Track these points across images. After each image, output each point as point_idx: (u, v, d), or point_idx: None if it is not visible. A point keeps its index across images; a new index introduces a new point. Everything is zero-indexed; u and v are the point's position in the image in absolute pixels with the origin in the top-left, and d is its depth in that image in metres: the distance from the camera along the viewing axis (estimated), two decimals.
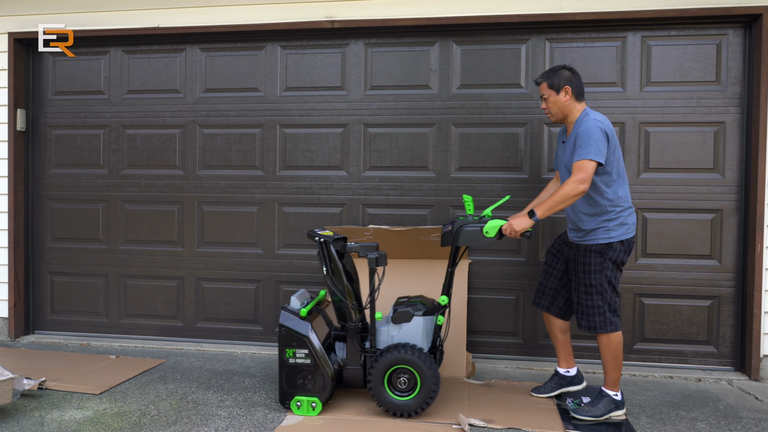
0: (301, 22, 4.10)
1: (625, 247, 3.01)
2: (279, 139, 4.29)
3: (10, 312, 4.47)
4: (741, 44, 3.83)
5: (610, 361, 3.05)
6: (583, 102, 3.10)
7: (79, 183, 4.54)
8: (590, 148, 2.86)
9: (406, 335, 3.11)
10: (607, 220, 2.99)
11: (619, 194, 3.01)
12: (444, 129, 4.10)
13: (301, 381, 3.08)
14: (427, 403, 2.98)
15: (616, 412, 3.08)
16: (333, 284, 3.15)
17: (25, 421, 3.01)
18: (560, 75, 3.06)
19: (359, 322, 3.15)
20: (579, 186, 2.84)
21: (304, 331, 3.06)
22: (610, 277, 3.00)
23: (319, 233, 3.17)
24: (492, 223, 2.99)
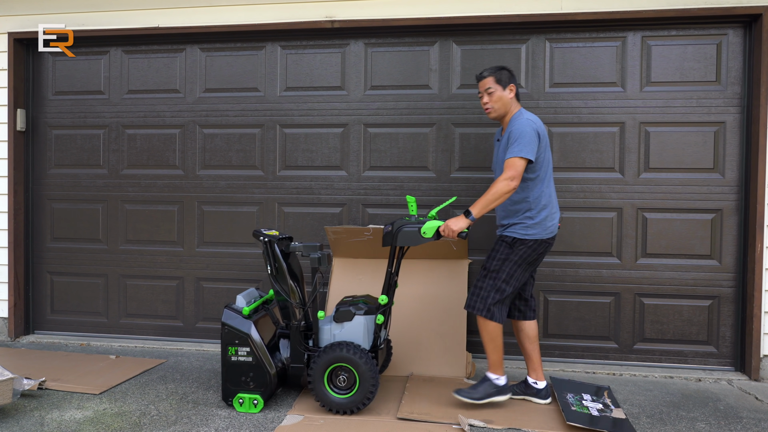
0: (301, 22, 4.10)
1: (536, 246, 3.05)
2: (279, 139, 4.29)
3: (10, 312, 4.47)
4: (741, 44, 3.83)
5: (488, 343, 3.10)
6: (519, 103, 3.18)
7: (79, 183, 4.54)
8: (522, 146, 2.93)
9: (347, 334, 3.15)
10: (527, 218, 3.06)
11: (543, 194, 3.06)
12: (444, 129, 4.10)
13: (244, 378, 3.13)
14: (365, 401, 3.02)
15: (498, 397, 3.11)
16: (277, 283, 3.22)
17: (25, 421, 3.01)
18: (504, 73, 3.13)
19: (303, 320, 3.20)
20: (510, 183, 2.91)
21: (246, 329, 3.11)
22: (511, 270, 3.04)
23: (264, 233, 3.23)
24: (430, 224, 3.04)
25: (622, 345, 3.98)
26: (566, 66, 3.98)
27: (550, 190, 3.12)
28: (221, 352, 3.16)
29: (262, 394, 3.12)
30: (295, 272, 3.26)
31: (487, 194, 2.94)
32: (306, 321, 3.24)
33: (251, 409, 3.12)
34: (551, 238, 3.11)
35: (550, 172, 3.12)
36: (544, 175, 3.07)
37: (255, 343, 3.10)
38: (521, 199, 3.07)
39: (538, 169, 3.05)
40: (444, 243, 3.83)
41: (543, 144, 3.04)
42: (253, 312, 3.22)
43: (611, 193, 3.95)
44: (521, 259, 3.05)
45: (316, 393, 3.07)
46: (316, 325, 3.20)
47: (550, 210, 3.10)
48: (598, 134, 3.96)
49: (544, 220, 3.06)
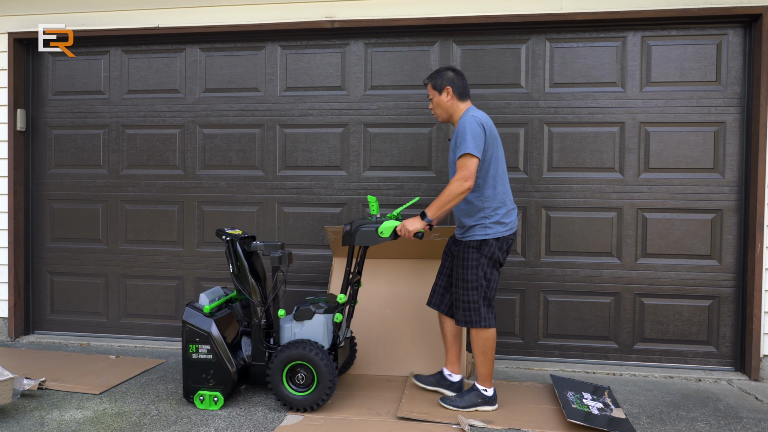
0: (301, 22, 4.10)
1: (500, 244, 3.05)
2: (279, 139, 4.29)
3: (10, 312, 4.47)
4: (741, 44, 3.83)
5: (479, 355, 3.09)
6: (467, 101, 3.16)
7: (79, 183, 4.54)
8: (468, 143, 2.90)
9: (307, 332, 3.18)
10: (484, 217, 3.05)
11: (497, 191, 3.05)
12: (444, 129, 4.10)
13: (204, 376, 3.16)
14: (323, 399, 3.04)
15: (484, 407, 3.12)
16: (239, 282, 3.26)
17: (25, 421, 3.01)
18: (443, 76, 3.12)
19: (264, 319, 3.24)
20: (464, 184, 2.90)
21: (207, 327, 3.14)
22: (486, 272, 3.04)
23: (227, 232, 3.26)
24: (387, 224, 3.07)
25: (622, 345, 3.98)
26: (566, 66, 3.98)
27: (505, 187, 3.10)
28: (182, 350, 3.19)
29: (222, 392, 3.15)
30: (257, 271, 3.30)
31: (442, 196, 2.94)
32: (268, 319, 3.28)
33: (212, 406, 3.16)
34: (513, 234, 3.11)
35: (502, 169, 3.10)
36: (495, 172, 3.05)
37: (215, 341, 3.13)
38: (475, 199, 3.06)
39: (488, 167, 3.03)
40: (444, 243, 3.83)
41: (491, 140, 3.02)
42: (216, 310, 3.26)
43: (611, 193, 3.95)
44: (490, 259, 3.06)
45: (274, 390, 3.09)
46: (276, 323, 3.25)
47: (508, 207, 3.09)
48: (598, 134, 3.96)
49: (502, 218, 3.06)
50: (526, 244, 4.04)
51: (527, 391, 3.44)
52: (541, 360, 4.03)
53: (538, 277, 4.03)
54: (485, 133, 2.97)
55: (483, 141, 2.95)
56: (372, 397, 3.30)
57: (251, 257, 3.28)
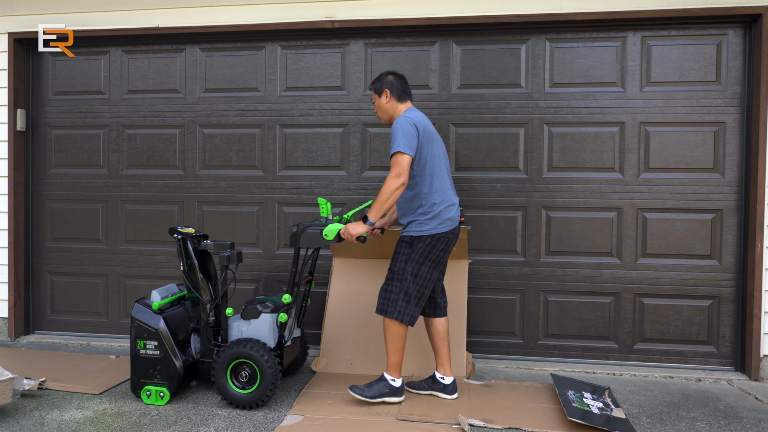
0: (301, 22, 4.10)
1: (435, 241, 3.09)
2: (279, 139, 4.29)
3: (10, 312, 4.47)
4: (741, 44, 3.83)
5: (389, 343, 3.14)
6: (407, 103, 3.23)
7: (79, 183, 4.54)
8: (399, 142, 2.98)
9: (254, 331, 3.24)
10: (420, 214, 3.10)
11: (433, 189, 3.10)
12: (444, 129, 4.10)
13: (151, 371, 3.22)
14: (265, 397, 3.10)
15: (391, 398, 3.16)
16: (189, 280, 3.32)
17: (25, 421, 3.01)
18: (382, 80, 3.23)
19: (213, 317, 3.29)
20: (397, 180, 2.96)
21: (155, 324, 3.20)
22: (414, 269, 3.08)
23: (179, 230, 3.32)
24: (331, 227, 3.13)
25: (622, 345, 3.98)
26: (566, 66, 3.98)
27: (443, 184, 3.14)
28: (130, 346, 3.25)
29: (169, 387, 3.21)
30: (209, 270, 3.35)
31: (379, 196, 2.99)
32: (217, 317, 3.33)
33: (158, 401, 3.21)
34: (451, 231, 3.14)
35: (439, 166, 3.14)
36: (431, 169, 3.10)
37: (163, 337, 3.19)
38: (412, 197, 3.13)
39: (423, 165, 3.09)
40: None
41: (426, 139, 3.08)
42: (167, 307, 3.32)
43: (611, 193, 3.95)
44: (422, 257, 3.09)
45: (218, 387, 3.15)
46: (224, 321, 3.31)
47: (445, 204, 3.13)
48: (598, 134, 3.96)
49: (438, 215, 3.09)
50: (526, 244, 4.04)
51: (527, 391, 3.44)
52: (541, 360, 4.03)
53: (538, 277, 4.03)
54: (418, 132, 3.05)
55: (415, 139, 3.02)
56: None
57: (203, 256, 3.34)
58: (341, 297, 3.92)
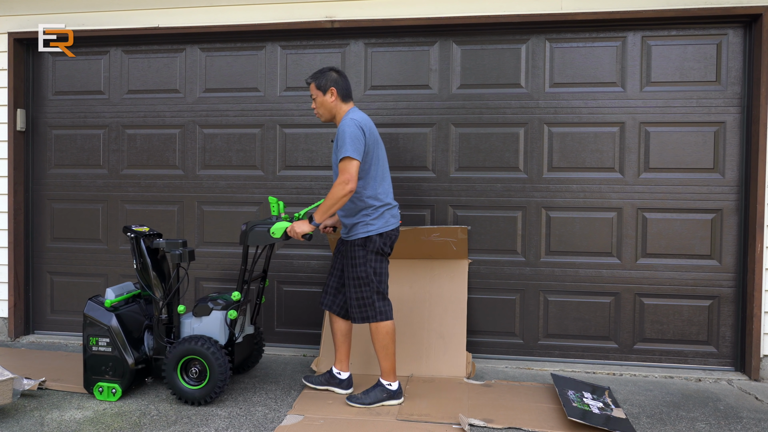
0: (301, 22, 4.10)
1: (384, 239, 3.14)
2: (279, 139, 4.29)
3: (10, 312, 4.47)
4: (741, 44, 3.83)
5: (380, 350, 3.17)
6: (350, 102, 3.23)
7: (79, 183, 4.53)
8: (348, 147, 2.97)
9: (205, 328, 3.30)
10: (365, 215, 3.13)
11: (378, 191, 3.13)
12: (444, 129, 4.10)
13: (104, 368, 3.28)
14: (214, 393, 3.15)
15: (390, 401, 3.18)
16: (142, 278, 3.37)
17: (25, 421, 3.01)
18: (327, 76, 3.18)
19: (166, 314, 3.34)
20: (345, 186, 2.96)
21: (107, 321, 3.26)
22: (375, 267, 3.13)
23: (133, 228, 3.38)
24: (278, 225, 3.17)
25: (622, 345, 3.98)
26: (566, 66, 3.98)
27: (385, 186, 3.18)
28: (83, 342, 3.30)
29: (121, 384, 3.26)
30: (162, 268, 3.39)
31: (327, 199, 3.02)
32: (169, 315, 3.37)
33: (110, 397, 3.26)
34: (395, 229, 3.19)
35: (382, 168, 3.18)
36: (376, 172, 3.13)
37: (114, 334, 3.25)
38: (357, 199, 3.13)
39: (369, 168, 3.10)
40: (444, 243, 3.83)
41: (372, 142, 3.09)
42: (122, 304, 3.40)
43: (611, 193, 3.95)
44: (376, 254, 3.15)
45: (168, 383, 3.20)
46: (176, 318, 3.37)
47: (389, 205, 3.18)
48: (598, 134, 3.96)
49: (382, 215, 3.14)
50: (526, 244, 4.04)
51: (527, 391, 3.44)
52: (541, 360, 4.03)
53: (538, 277, 4.03)
54: (365, 136, 3.04)
55: (363, 144, 3.03)
56: None
57: (157, 254, 3.39)
58: None
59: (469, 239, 3.98)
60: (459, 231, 3.81)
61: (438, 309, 3.80)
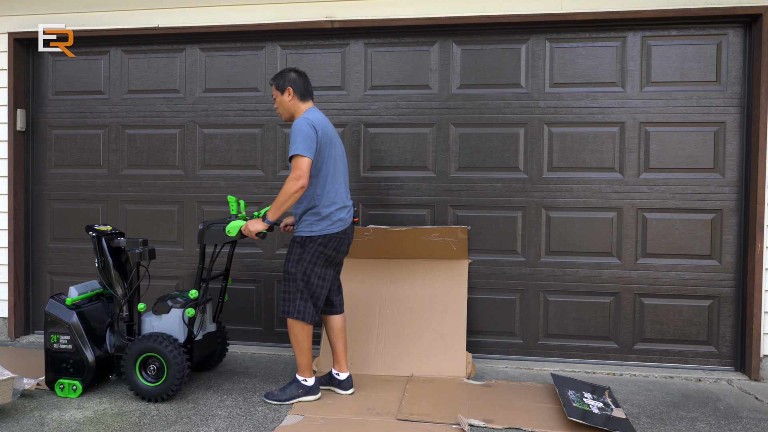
0: (301, 22, 4.10)
1: (326, 241, 3.14)
2: (279, 139, 4.29)
3: (10, 312, 4.47)
4: (741, 44, 3.83)
5: (294, 346, 3.21)
6: (309, 102, 3.28)
7: (79, 183, 4.53)
8: (298, 144, 3.02)
9: (164, 326, 3.36)
10: (313, 214, 3.15)
11: (327, 191, 3.15)
12: (444, 129, 4.10)
13: (65, 365, 3.32)
14: (171, 391, 3.18)
15: (306, 397, 3.22)
16: (104, 276, 3.42)
17: (25, 421, 3.01)
18: (285, 77, 3.25)
19: (127, 312, 3.39)
20: (296, 183, 3.00)
21: (68, 318, 3.31)
22: (306, 269, 3.14)
23: (95, 227, 3.42)
24: (233, 223, 3.19)
25: (622, 345, 3.98)
26: (566, 66, 3.98)
27: (337, 186, 3.19)
28: (44, 340, 3.35)
29: (82, 381, 3.30)
30: (125, 267, 3.43)
31: (279, 196, 3.05)
32: (130, 312, 3.41)
33: (70, 393, 3.30)
34: (342, 231, 3.19)
35: (335, 169, 3.19)
36: (327, 171, 3.15)
37: (75, 332, 3.30)
38: (304, 197, 3.15)
39: (320, 167, 3.12)
40: (444, 243, 3.84)
41: (324, 141, 3.12)
42: (85, 302, 3.45)
43: (611, 193, 3.95)
44: (314, 257, 3.14)
45: (127, 379, 3.24)
46: (137, 316, 3.41)
47: (337, 206, 3.18)
48: (598, 134, 3.96)
49: (330, 216, 3.14)
50: (526, 244, 4.04)
51: (527, 391, 3.44)
52: (541, 360, 4.03)
53: (538, 277, 4.03)
54: (317, 134, 3.07)
55: (314, 142, 3.05)
56: (372, 397, 3.30)
57: (119, 253, 3.43)
58: None
59: (469, 239, 3.98)
60: (459, 231, 3.81)
61: (438, 309, 3.80)
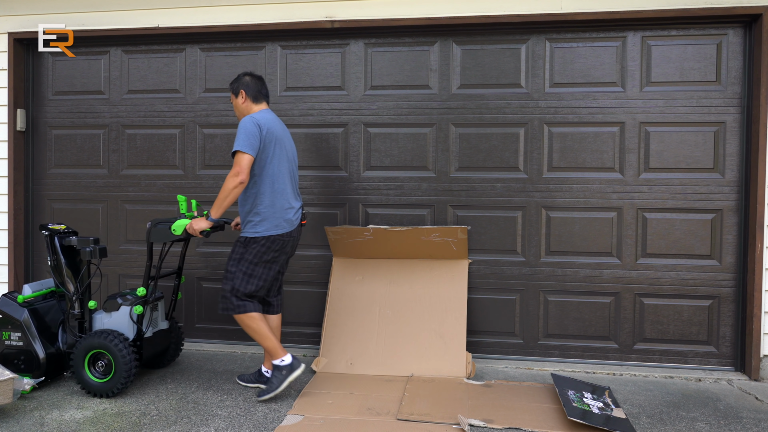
0: (301, 22, 4.10)
1: (270, 243, 3.18)
2: None
3: None
4: (741, 44, 3.83)
5: (254, 336, 3.26)
6: (263, 104, 3.34)
7: (79, 183, 4.53)
8: (240, 141, 3.08)
9: (114, 323, 3.43)
10: (255, 214, 3.18)
11: (272, 190, 3.18)
12: (444, 129, 4.10)
13: (16, 361, 3.40)
14: (119, 387, 3.25)
15: (292, 374, 3.23)
16: (56, 274, 3.48)
17: (25, 421, 3.01)
18: (239, 81, 3.34)
19: (79, 309, 3.47)
20: (235, 179, 3.06)
21: (18, 315, 3.41)
22: (249, 269, 3.19)
23: (49, 227, 3.48)
24: (179, 222, 3.26)
25: (622, 345, 3.98)
26: (566, 66, 3.98)
27: (282, 187, 3.22)
28: None
29: (33, 377, 3.36)
30: (77, 265, 3.50)
31: (220, 193, 3.09)
32: (81, 310, 3.48)
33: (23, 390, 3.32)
34: (287, 233, 3.22)
35: (281, 169, 3.22)
36: (272, 171, 3.18)
37: (26, 329, 3.38)
38: (249, 197, 3.20)
39: (264, 166, 3.16)
40: (444, 243, 3.84)
41: (269, 140, 3.16)
42: (40, 300, 3.54)
43: (611, 193, 3.95)
44: (256, 257, 3.18)
45: (76, 376, 3.30)
46: (87, 314, 3.48)
47: (283, 207, 3.20)
48: (598, 134, 3.96)
49: (272, 216, 3.17)
50: (526, 244, 4.04)
51: (527, 391, 3.44)
52: (541, 360, 4.03)
53: (538, 277, 4.03)
54: (261, 133, 3.12)
55: (258, 139, 3.10)
56: (372, 397, 3.30)
57: (71, 252, 3.49)
58: (341, 297, 3.93)
59: (469, 239, 3.98)
60: (459, 231, 3.81)
61: (438, 309, 3.80)
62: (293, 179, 3.34)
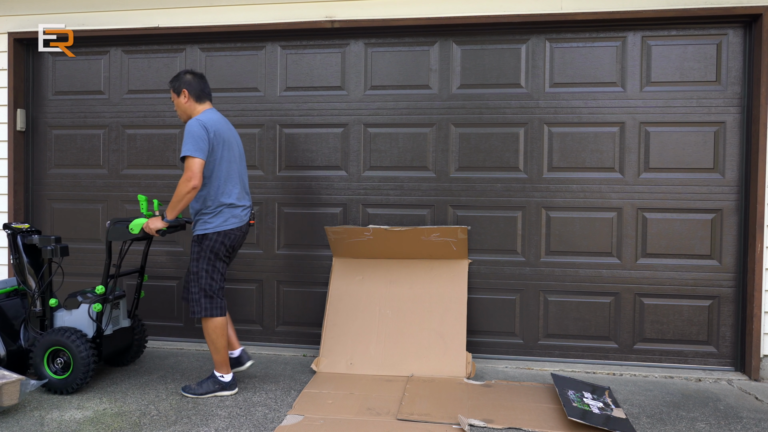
0: (301, 22, 4.10)
1: (222, 238, 3.22)
2: (279, 139, 4.29)
3: None
4: (741, 44, 3.83)
5: (209, 344, 3.30)
6: (206, 103, 3.35)
7: (79, 183, 4.54)
8: (188, 145, 3.09)
9: (74, 320, 3.45)
10: (204, 213, 3.23)
11: (220, 190, 3.21)
12: (444, 129, 4.10)
13: None
14: (77, 384, 3.28)
15: (222, 392, 3.34)
16: (18, 272, 3.53)
17: (25, 421, 3.01)
18: (180, 79, 3.32)
19: (41, 307, 3.51)
20: (188, 184, 3.08)
21: None
22: (206, 267, 3.23)
23: (12, 226, 3.52)
24: (136, 221, 3.29)
25: (622, 345, 3.98)
26: (566, 66, 3.98)
27: (231, 186, 3.26)
28: None
29: None
30: (40, 263, 3.53)
31: (174, 196, 3.13)
32: (43, 308, 3.51)
33: None
34: (237, 228, 3.27)
35: (229, 170, 3.26)
36: (219, 172, 3.21)
37: None
38: (199, 198, 3.24)
39: (213, 167, 3.18)
40: (444, 243, 3.84)
41: (217, 142, 3.18)
42: (3, 297, 3.59)
43: (611, 193, 3.95)
44: (211, 252, 3.23)
45: (36, 372, 3.34)
46: (48, 311, 3.52)
47: (233, 205, 3.25)
48: (598, 134, 3.96)
49: (221, 213, 3.22)
50: (526, 244, 4.04)
51: (527, 391, 3.44)
52: (541, 360, 4.03)
53: (538, 277, 4.03)
54: (209, 135, 3.13)
55: (206, 143, 3.12)
56: (372, 397, 3.31)
57: (34, 250, 3.53)
58: (341, 297, 3.93)
59: (469, 239, 3.98)
60: (459, 231, 3.81)
61: (438, 309, 3.80)
62: (242, 179, 3.37)
